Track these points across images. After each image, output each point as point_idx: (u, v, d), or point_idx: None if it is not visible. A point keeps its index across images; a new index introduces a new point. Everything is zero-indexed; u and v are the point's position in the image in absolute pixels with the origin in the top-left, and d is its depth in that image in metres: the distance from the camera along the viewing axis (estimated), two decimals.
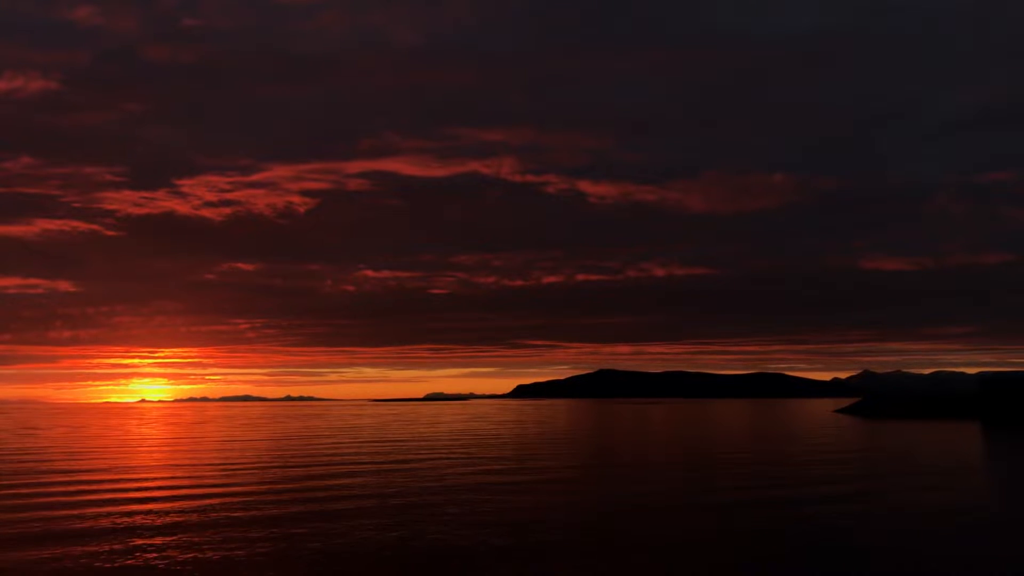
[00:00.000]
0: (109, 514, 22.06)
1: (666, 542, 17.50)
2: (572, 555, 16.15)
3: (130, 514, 22.06)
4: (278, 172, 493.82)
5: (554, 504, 23.41)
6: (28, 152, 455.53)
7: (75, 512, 22.43)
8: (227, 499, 25.10)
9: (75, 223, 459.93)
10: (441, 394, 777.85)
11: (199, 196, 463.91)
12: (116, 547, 17.06)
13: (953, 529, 19.14)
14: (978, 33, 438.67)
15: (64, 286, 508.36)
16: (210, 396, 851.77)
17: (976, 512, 21.74)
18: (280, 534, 18.71)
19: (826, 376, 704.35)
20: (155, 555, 16.41)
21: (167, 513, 22.24)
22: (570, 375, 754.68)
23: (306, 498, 25.09)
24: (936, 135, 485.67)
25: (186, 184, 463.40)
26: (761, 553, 16.34)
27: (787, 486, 27.62)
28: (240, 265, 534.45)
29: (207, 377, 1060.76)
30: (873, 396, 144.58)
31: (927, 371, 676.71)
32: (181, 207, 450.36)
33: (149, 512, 22.46)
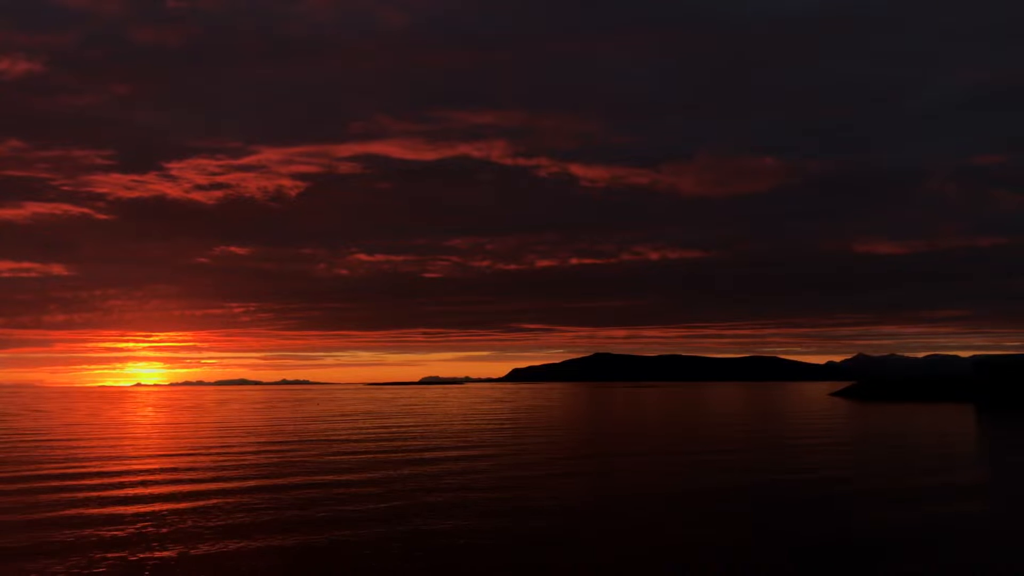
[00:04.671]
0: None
1: (663, 528, 17.51)
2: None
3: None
4: (268, 155, 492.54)
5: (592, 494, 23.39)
6: (16, 135, 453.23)
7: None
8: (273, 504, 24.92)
9: (66, 206, 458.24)
10: (437, 378, 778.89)
11: (189, 179, 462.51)
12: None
13: (949, 507, 19.20)
14: (978, 14, 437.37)
15: (57, 270, 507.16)
16: (206, 380, 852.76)
17: (972, 492, 21.81)
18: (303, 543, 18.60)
19: (820, 359, 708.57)
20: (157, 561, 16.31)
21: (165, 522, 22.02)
22: (565, 359, 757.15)
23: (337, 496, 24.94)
24: (931, 117, 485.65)
25: (176, 167, 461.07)
26: (759, 534, 16.37)
27: (783, 467, 27.70)
28: (233, 249, 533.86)
29: (202, 361, 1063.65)
30: (867, 379, 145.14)
31: (921, 354, 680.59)
32: (172, 190, 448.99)
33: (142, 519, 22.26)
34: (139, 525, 17.37)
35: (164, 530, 16.81)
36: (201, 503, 20.35)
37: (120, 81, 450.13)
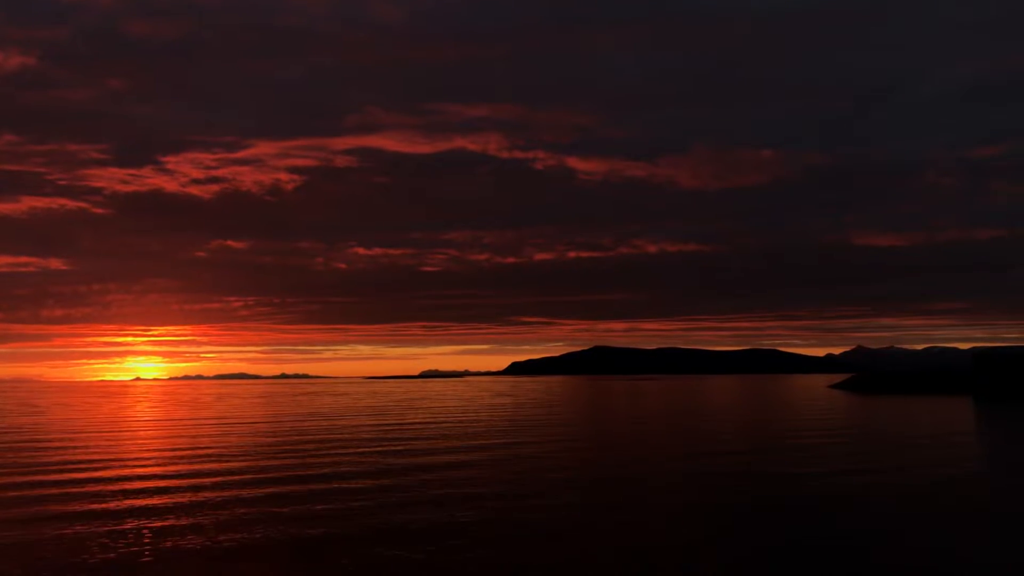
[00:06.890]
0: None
1: (660, 519, 17.47)
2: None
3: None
4: (263, 149, 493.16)
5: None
6: (10, 129, 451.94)
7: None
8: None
9: (62, 201, 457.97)
10: (436, 371, 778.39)
11: (185, 173, 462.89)
12: None
13: (946, 499, 19.15)
14: (977, 7, 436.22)
15: (55, 264, 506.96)
16: (205, 374, 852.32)
17: (969, 484, 21.76)
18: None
19: (820, 352, 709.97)
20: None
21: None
22: (564, 352, 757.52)
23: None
24: (930, 110, 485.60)
25: (171, 161, 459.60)
26: (759, 525, 16.31)
27: (783, 459, 27.61)
28: (230, 243, 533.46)
29: (202, 355, 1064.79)
30: (866, 372, 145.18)
31: (920, 347, 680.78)
32: (168, 184, 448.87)
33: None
34: (127, 542, 17.30)
35: (145, 553, 16.76)
36: (196, 518, 20.23)
37: (114, 75, 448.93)
